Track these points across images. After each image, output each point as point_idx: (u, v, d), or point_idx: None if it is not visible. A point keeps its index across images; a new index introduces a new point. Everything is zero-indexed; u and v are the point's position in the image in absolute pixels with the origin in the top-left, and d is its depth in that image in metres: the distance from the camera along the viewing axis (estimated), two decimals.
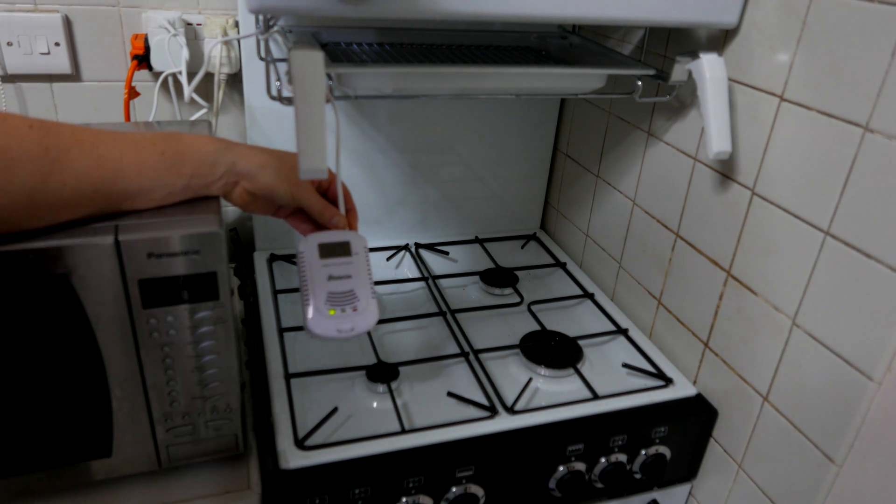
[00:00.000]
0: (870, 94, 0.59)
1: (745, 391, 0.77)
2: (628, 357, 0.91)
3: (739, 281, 0.77)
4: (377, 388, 0.81)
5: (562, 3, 0.65)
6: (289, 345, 0.87)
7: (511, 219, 1.25)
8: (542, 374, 0.87)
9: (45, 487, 0.66)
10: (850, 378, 0.63)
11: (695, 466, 0.86)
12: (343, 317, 0.62)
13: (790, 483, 0.71)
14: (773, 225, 0.72)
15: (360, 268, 0.65)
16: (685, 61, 0.75)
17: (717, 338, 0.82)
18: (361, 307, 0.63)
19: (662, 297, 0.92)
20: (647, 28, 0.86)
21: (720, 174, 0.79)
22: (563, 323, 0.98)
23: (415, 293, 1.04)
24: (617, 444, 0.78)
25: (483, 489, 0.73)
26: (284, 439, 0.71)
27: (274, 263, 1.05)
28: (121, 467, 0.67)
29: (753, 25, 0.72)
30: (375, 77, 0.71)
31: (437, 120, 1.10)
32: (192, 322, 0.62)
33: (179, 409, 0.66)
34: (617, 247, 1.03)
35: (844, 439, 0.64)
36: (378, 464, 0.70)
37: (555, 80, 0.80)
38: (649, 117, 0.92)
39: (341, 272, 0.63)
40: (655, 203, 0.93)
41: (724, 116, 0.73)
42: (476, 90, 0.79)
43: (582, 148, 1.13)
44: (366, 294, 0.64)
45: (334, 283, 0.63)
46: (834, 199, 0.64)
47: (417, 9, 0.61)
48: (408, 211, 1.16)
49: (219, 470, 0.72)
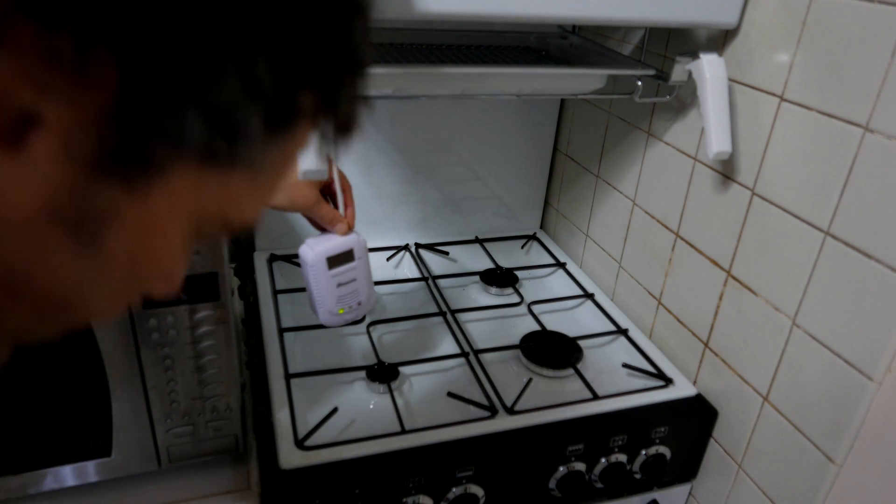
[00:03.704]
0: (870, 94, 0.59)
1: (745, 391, 0.77)
2: (628, 357, 0.91)
3: (739, 281, 0.77)
4: (377, 388, 0.81)
5: (562, 3, 0.65)
6: (289, 345, 0.87)
7: (511, 219, 1.25)
8: (542, 374, 0.87)
9: (44, 487, 0.66)
10: (850, 378, 0.63)
11: (695, 466, 0.86)
12: (350, 311, 0.74)
13: (790, 483, 0.71)
14: (773, 225, 0.72)
15: (362, 270, 0.72)
16: (685, 61, 0.75)
17: (717, 338, 0.82)
18: (364, 299, 0.74)
19: (662, 297, 0.92)
20: (647, 28, 0.86)
21: (720, 174, 0.79)
22: (563, 323, 0.98)
23: (415, 293, 1.04)
24: (617, 444, 0.78)
25: (483, 489, 0.73)
26: (284, 439, 0.71)
27: (274, 263, 1.05)
28: (121, 467, 0.67)
29: (753, 25, 0.72)
30: (375, 77, 0.71)
31: (437, 120, 1.10)
32: (193, 322, 0.62)
33: (179, 409, 0.66)
34: (617, 247, 1.03)
35: (844, 439, 0.64)
36: (378, 464, 0.70)
37: (555, 81, 0.80)
38: (649, 117, 0.92)
39: (348, 277, 0.72)
40: (655, 203, 0.93)
41: (724, 116, 0.73)
42: (476, 90, 0.79)
43: (582, 148, 1.13)
44: (367, 289, 0.74)
45: (342, 289, 0.71)
46: (834, 199, 0.64)
47: (417, 9, 0.61)
48: (407, 211, 1.16)
49: (219, 470, 0.72)
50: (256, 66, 0.23)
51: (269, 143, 0.26)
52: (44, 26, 0.19)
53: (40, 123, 0.21)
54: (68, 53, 0.20)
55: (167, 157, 0.23)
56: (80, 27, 0.20)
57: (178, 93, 0.22)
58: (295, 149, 0.28)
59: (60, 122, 0.21)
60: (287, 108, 0.26)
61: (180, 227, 0.27)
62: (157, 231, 0.26)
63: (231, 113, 0.23)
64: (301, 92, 0.26)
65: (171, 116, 0.22)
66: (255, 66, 0.23)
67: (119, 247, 0.25)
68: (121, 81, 0.21)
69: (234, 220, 0.29)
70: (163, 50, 0.21)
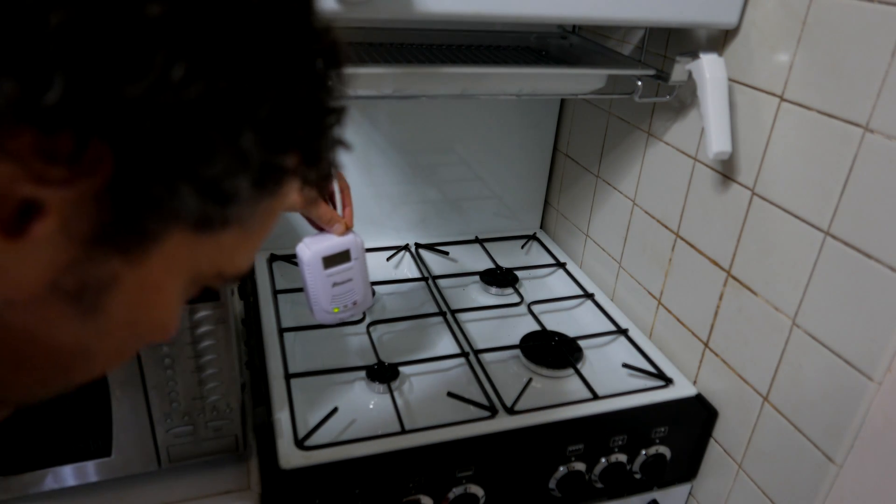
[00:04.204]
0: (870, 94, 0.59)
1: (745, 391, 0.77)
2: (628, 357, 0.91)
3: (739, 281, 0.77)
4: (377, 388, 0.81)
5: (562, 3, 0.65)
6: (289, 345, 0.87)
7: (511, 219, 1.25)
8: (542, 374, 0.87)
9: (45, 487, 0.66)
10: (850, 378, 0.63)
11: (695, 466, 0.86)
12: (345, 310, 0.73)
13: (790, 483, 0.71)
14: (773, 225, 0.72)
15: (359, 270, 0.72)
16: (685, 61, 0.75)
17: (717, 338, 0.82)
18: (360, 299, 0.74)
19: (662, 297, 0.92)
20: (647, 28, 0.86)
21: (720, 174, 0.79)
22: (563, 323, 0.98)
23: (415, 293, 1.04)
24: (617, 444, 0.78)
25: (483, 489, 0.73)
26: (284, 439, 0.71)
27: (274, 263, 1.05)
28: (121, 467, 0.67)
29: (753, 25, 0.72)
30: (375, 77, 0.71)
31: (437, 120, 1.10)
32: (192, 322, 0.62)
33: (179, 409, 0.66)
34: (617, 247, 1.03)
35: (844, 439, 0.64)
36: (378, 464, 0.70)
37: (555, 81, 0.80)
38: (649, 117, 0.92)
39: (343, 277, 0.71)
40: (655, 203, 0.93)
41: (724, 117, 0.73)
42: (476, 90, 0.79)
43: (582, 148, 1.13)
44: (364, 289, 0.73)
45: (337, 288, 0.71)
46: (834, 199, 0.64)
47: (417, 9, 0.61)
48: (407, 211, 1.16)
49: (219, 470, 0.72)
50: (244, 140, 0.24)
51: (257, 201, 0.27)
52: (44, 132, 0.20)
53: (40, 210, 0.21)
54: (68, 150, 0.21)
55: (162, 227, 0.24)
56: (80, 128, 0.21)
57: (171, 171, 0.23)
58: (282, 200, 0.30)
59: (60, 206, 0.22)
60: (273, 171, 0.27)
61: (176, 283, 0.28)
62: (153, 290, 0.27)
63: (222, 183, 0.24)
64: (286, 154, 0.27)
65: (166, 192, 0.23)
66: (242, 141, 0.24)
67: (118, 309, 0.26)
68: (116, 166, 0.22)
69: (227, 271, 0.30)
70: (156, 136, 0.22)
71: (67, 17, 0.19)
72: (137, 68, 0.21)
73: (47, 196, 0.21)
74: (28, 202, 0.21)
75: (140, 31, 0.21)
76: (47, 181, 0.21)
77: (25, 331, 0.25)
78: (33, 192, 0.21)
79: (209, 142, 0.23)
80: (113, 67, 0.20)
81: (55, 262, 0.23)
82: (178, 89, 0.21)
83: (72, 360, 0.28)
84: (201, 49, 0.22)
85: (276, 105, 0.25)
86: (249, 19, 0.23)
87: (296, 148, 0.27)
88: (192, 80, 0.22)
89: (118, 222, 0.23)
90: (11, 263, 0.22)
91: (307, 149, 0.28)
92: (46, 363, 0.28)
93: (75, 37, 0.20)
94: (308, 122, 0.27)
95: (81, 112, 0.20)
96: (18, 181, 0.20)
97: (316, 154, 0.29)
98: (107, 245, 0.24)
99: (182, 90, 0.22)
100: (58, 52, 0.20)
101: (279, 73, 0.25)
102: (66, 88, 0.20)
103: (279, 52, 0.25)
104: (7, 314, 0.24)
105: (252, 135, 0.24)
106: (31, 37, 0.19)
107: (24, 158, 0.20)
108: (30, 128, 0.20)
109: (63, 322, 0.26)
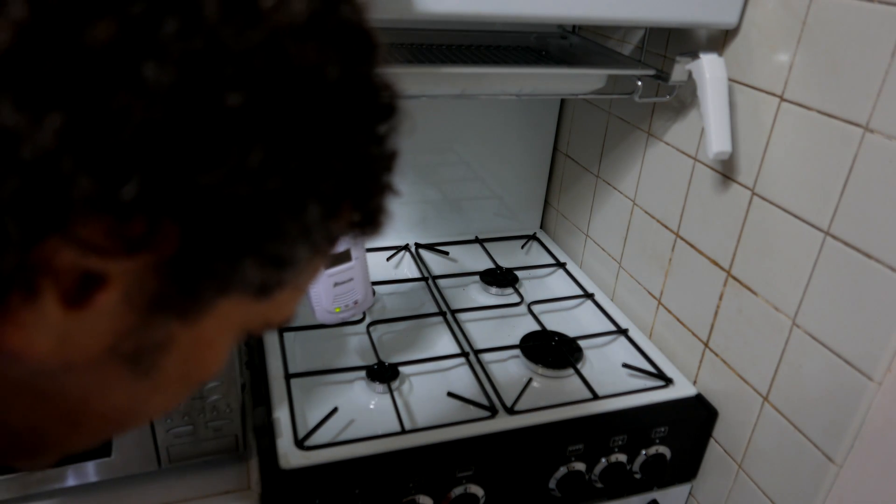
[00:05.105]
0: (870, 94, 0.59)
1: (745, 391, 0.77)
2: (628, 357, 0.91)
3: (739, 281, 0.77)
4: (377, 388, 0.81)
5: (562, 3, 0.65)
6: (289, 345, 0.87)
7: (511, 219, 1.25)
8: (542, 374, 0.87)
9: (45, 487, 0.66)
10: (850, 378, 0.63)
11: (695, 466, 0.86)
12: (346, 310, 0.74)
13: (790, 483, 0.71)
14: (773, 225, 0.72)
15: (359, 269, 0.73)
16: (685, 61, 0.75)
17: (717, 338, 0.82)
18: (361, 298, 0.75)
19: (662, 297, 0.92)
20: (647, 28, 0.86)
21: (720, 174, 0.79)
22: (563, 323, 0.98)
23: (415, 293, 1.04)
24: (617, 444, 0.78)
25: (483, 489, 0.73)
26: (284, 439, 0.71)
27: None
28: (121, 467, 0.67)
29: (753, 25, 0.72)
30: None
31: (437, 120, 1.10)
32: None
33: (179, 409, 0.66)
34: (617, 247, 1.03)
35: (844, 439, 0.64)
36: (378, 464, 0.70)
37: (555, 81, 0.80)
38: (649, 117, 0.92)
39: (344, 277, 0.72)
40: (655, 203, 0.93)
41: (724, 117, 0.73)
42: (476, 90, 0.79)
43: (582, 148, 1.13)
44: (364, 288, 0.75)
45: (339, 288, 0.72)
46: (834, 200, 0.64)
47: (417, 9, 0.61)
48: (407, 211, 1.16)
49: (219, 470, 0.72)
50: (309, 215, 0.24)
51: (313, 262, 0.28)
52: (118, 220, 0.20)
53: (104, 281, 0.21)
54: (139, 233, 0.20)
55: (221, 294, 0.25)
56: (153, 213, 0.20)
57: (237, 248, 0.23)
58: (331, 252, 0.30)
59: (122, 277, 0.21)
60: (332, 234, 0.27)
61: (228, 338, 0.29)
62: (207, 346, 0.28)
63: (284, 255, 0.25)
64: (343, 217, 0.27)
65: (229, 266, 0.23)
66: (308, 215, 0.24)
67: (173, 366, 0.27)
68: (182, 241, 0.21)
69: (276, 321, 0.30)
70: (225, 216, 0.22)
71: (148, 114, 0.19)
72: (215, 158, 0.20)
73: (110, 269, 0.21)
74: (91, 274, 0.21)
75: (219, 122, 0.20)
76: (114, 257, 0.21)
77: (81, 392, 0.25)
78: (97, 265, 0.21)
79: (277, 219, 0.23)
80: (191, 158, 0.20)
81: (115, 329, 0.23)
82: (253, 177, 0.21)
83: (124, 416, 0.29)
84: (277, 136, 0.22)
85: (341, 178, 0.25)
86: (323, 101, 0.23)
87: (355, 209, 0.27)
88: (267, 167, 0.21)
89: (179, 291, 0.23)
90: (73, 331, 0.22)
91: (365, 209, 0.28)
92: (100, 421, 0.28)
93: (155, 134, 0.19)
94: (367, 184, 0.27)
95: (157, 200, 0.20)
96: (87, 256, 0.20)
97: (373, 212, 0.29)
98: (166, 311, 0.24)
99: (257, 178, 0.21)
100: (137, 149, 0.19)
101: (345, 147, 0.25)
102: (143, 182, 0.19)
103: (347, 128, 0.24)
104: (65, 377, 0.24)
105: (317, 208, 0.24)
106: (109, 134, 0.19)
107: (94, 239, 0.20)
108: (103, 216, 0.20)
109: (119, 383, 0.26)
